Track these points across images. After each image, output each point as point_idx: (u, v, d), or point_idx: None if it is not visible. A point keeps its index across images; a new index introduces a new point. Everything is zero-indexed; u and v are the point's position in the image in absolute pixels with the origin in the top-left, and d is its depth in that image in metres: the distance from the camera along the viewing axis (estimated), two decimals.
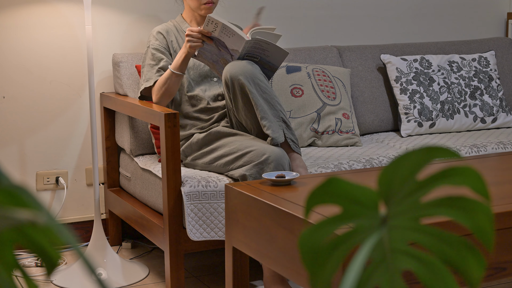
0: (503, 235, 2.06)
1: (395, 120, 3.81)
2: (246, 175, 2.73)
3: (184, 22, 3.18)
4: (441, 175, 0.67)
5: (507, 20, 4.53)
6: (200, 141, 2.98)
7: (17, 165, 3.39)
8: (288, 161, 2.74)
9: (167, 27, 3.15)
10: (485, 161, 2.85)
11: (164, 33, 3.11)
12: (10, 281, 0.63)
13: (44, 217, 0.58)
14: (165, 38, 3.10)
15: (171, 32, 3.14)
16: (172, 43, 3.11)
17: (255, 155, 2.74)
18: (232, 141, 2.88)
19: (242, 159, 2.78)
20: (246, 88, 2.77)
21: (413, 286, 1.90)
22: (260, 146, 2.76)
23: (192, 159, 3.00)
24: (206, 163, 2.94)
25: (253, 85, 2.78)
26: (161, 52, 3.08)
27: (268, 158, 2.70)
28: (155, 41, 3.09)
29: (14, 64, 3.34)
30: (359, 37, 4.09)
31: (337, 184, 0.67)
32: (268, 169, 2.69)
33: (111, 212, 3.47)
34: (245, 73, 2.77)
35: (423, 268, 0.68)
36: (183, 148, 3.05)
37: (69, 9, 3.39)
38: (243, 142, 2.83)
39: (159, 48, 3.08)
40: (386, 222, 0.68)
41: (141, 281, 3.07)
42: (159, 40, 3.10)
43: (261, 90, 2.79)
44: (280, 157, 2.71)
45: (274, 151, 2.72)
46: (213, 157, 2.91)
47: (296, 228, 2.09)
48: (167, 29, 3.14)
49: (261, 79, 2.80)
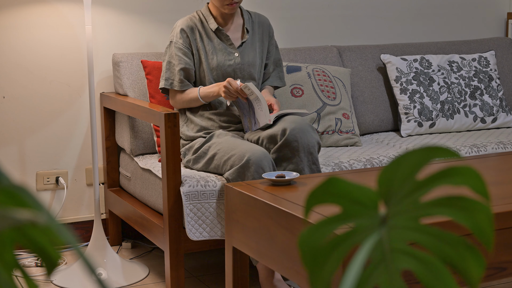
0: (503, 235, 2.06)
1: (395, 120, 3.81)
2: (229, 179, 2.73)
3: (210, 16, 3.06)
4: (441, 175, 0.67)
5: (507, 20, 4.53)
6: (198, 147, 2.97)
7: (17, 165, 3.39)
8: (269, 162, 2.71)
9: (191, 23, 3.05)
10: (485, 161, 2.85)
11: (188, 31, 3.02)
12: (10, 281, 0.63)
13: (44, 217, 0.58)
14: (189, 37, 3.02)
15: (195, 29, 3.04)
16: (195, 41, 3.03)
17: (237, 158, 2.73)
18: (219, 145, 2.87)
19: (228, 162, 2.78)
20: (298, 154, 2.76)
21: (412, 286, 1.90)
22: (242, 148, 2.75)
23: (186, 162, 3.00)
24: (200, 169, 2.94)
25: (306, 156, 2.77)
26: (183, 52, 3.01)
27: (249, 161, 2.68)
28: (179, 39, 3.02)
29: (14, 64, 3.34)
30: (359, 37, 4.09)
31: (337, 184, 0.67)
32: (249, 173, 2.67)
33: (111, 212, 3.47)
34: (307, 141, 2.77)
35: (422, 268, 0.68)
36: (183, 150, 3.04)
37: (69, 9, 3.39)
38: (229, 144, 2.83)
39: (182, 48, 3.01)
40: (386, 221, 0.68)
41: (141, 281, 3.07)
42: (182, 38, 3.02)
43: (311, 162, 2.80)
44: (261, 158, 2.68)
45: (255, 152, 2.70)
46: (204, 162, 2.92)
47: (296, 228, 2.09)
48: (192, 25, 3.04)
49: (315, 151, 2.80)
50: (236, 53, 3.06)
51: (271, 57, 3.19)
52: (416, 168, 0.67)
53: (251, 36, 3.12)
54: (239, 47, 3.08)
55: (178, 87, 3.00)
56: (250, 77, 3.08)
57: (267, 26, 3.18)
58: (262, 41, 3.16)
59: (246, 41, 3.10)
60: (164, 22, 3.60)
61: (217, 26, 3.04)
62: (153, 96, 3.25)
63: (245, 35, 3.10)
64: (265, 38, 3.17)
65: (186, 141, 3.05)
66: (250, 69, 3.08)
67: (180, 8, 3.63)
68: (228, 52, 3.05)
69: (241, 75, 3.06)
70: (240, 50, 3.08)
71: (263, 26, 3.17)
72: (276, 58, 3.22)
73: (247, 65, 3.07)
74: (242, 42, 3.09)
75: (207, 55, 3.03)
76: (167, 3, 3.60)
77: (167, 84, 3.02)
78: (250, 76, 3.08)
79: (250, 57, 3.09)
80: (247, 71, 3.07)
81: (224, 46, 3.05)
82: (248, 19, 3.14)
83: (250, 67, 3.08)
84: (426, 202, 0.68)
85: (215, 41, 3.05)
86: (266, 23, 3.19)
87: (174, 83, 3.01)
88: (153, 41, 3.58)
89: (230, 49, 3.06)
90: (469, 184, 0.67)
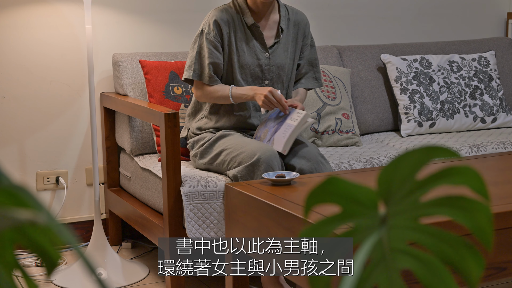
0: (502, 235, 2.06)
1: (395, 120, 3.81)
2: (238, 176, 2.72)
3: (246, 9, 2.91)
4: (441, 174, 0.67)
5: (507, 20, 4.53)
6: (205, 143, 2.96)
7: (17, 165, 3.39)
8: (279, 162, 2.70)
9: (227, 15, 2.90)
10: (485, 161, 2.85)
11: (222, 24, 2.87)
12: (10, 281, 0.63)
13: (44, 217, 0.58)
14: (222, 30, 2.88)
15: (230, 23, 2.90)
16: (228, 35, 2.89)
17: (247, 156, 2.71)
18: (228, 141, 2.86)
19: (237, 159, 2.77)
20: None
21: (412, 286, 1.90)
22: (253, 146, 2.74)
23: (193, 156, 2.99)
24: (205, 164, 2.93)
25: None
26: (214, 46, 2.87)
27: (259, 160, 2.67)
28: (211, 31, 2.87)
29: (14, 64, 3.34)
30: (359, 37, 4.09)
31: (337, 183, 0.68)
32: (259, 171, 2.67)
33: (111, 212, 3.47)
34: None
35: (422, 267, 0.68)
36: (191, 141, 3.02)
37: (69, 9, 3.39)
38: (238, 142, 2.82)
39: (213, 40, 2.87)
40: (386, 221, 0.69)
41: (141, 281, 3.07)
42: (215, 30, 2.87)
43: None
44: (271, 158, 2.67)
45: (266, 151, 2.69)
46: (210, 157, 2.90)
47: (296, 228, 2.09)
48: (227, 18, 2.89)
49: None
50: (266, 54, 2.94)
51: (304, 57, 3.05)
52: (416, 168, 0.67)
53: (285, 36, 2.98)
54: (271, 47, 2.96)
55: (207, 81, 2.86)
56: (279, 79, 2.97)
57: (303, 25, 3.03)
58: (296, 41, 3.02)
59: (279, 41, 2.97)
60: (164, 22, 3.60)
61: (253, 22, 2.92)
62: (152, 95, 3.25)
63: (279, 34, 2.97)
64: (300, 38, 3.03)
65: (195, 134, 3.03)
66: (279, 71, 2.97)
67: (180, 8, 3.63)
68: (259, 51, 2.93)
69: (269, 76, 2.95)
70: (272, 51, 2.95)
71: (299, 25, 3.02)
72: (311, 58, 3.07)
73: (276, 67, 2.96)
74: (274, 42, 2.97)
75: (238, 51, 2.91)
76: (167, 3, 3.60)
77: (195, 76, 2.88)
78: (278, 78, 2.97)
79: (280, 59, 2.96)
80: (276, 72, 2.96)
81: (255, 44, 2.93)
82: (285, 15, 2.99)
83: (279, 69, 2.96)
84: (426, 202, 0.68)
85: (248, 37, 2.92)
86: (303, 22, 3.04)
87: (204, 76, 2.87)
88: (153, 41, 3.58)
89: (262, 48, 2.94)
90: (469, 184, 0.67)
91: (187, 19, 3.65)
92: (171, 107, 3.19)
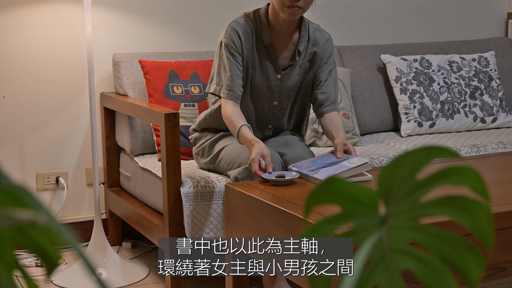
0: (502, 235, 2.06)
1: (395, 120, 3.81)
2: (238, 177, 2.70)
3: (266, 25, 2.76)
4: (441, 175, 0.67)
5: (507, 20, 4.53)
6: (206, 141, 2.95)
7: (17, 165, 3.39)
8: (279, 163, 2.66)
9: (247, 26, 2.76)
10: (485, 161, 2.85)
11: (241, 34, 2.74)
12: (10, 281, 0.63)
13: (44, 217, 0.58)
14: (240, 39, 2.75)
15: (248, 34, 2.76)
16: (244, 46, 2.76)
17: (247, 157, 2.67)
18: (229, 142, 2.86)
19: (237, 160, 2.76)
20: None
21: (412, 286, 1.90)
22: None
23: (195, 154, 2.99)
24: (206, 163, 2.93)
25: None
26: (234, 57, 2.73)
27: (260, 161, 2.65)
28: (231, 42, 2.74)
29: (14, 64, 3.34)
30: (359, 37, 4.09)
31: (337, 184, 0.67)
32: None
33: (111, 212, 3.47)
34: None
35: (422, 267, 0.68)
36: (193, 137, 3.01)
37: (69, 9, 3.39)
38: (238, 143, 2.81)
39: (233, 52, 2.74)
40: (386, 221, 0.68)
41: (141, 281, 3.07)
42: (234, 40, 2.74)
43: None
44: (272, 159, 2.64)
45: None
46: (211, 156, 2.90)
47: (296, 228, 2.09)
48: (245, 28, 2.75)
49: None
50: (278, 75, 2.81)
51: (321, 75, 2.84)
52: (416, 168, 0.67)
53: (301, 58, 2.83)
54: (284, 68, 2.82)
55: (225, 95, 2.72)
56: (288, 98, 2.87)
57: (321, 45, 2.85)
58: (313, 60, 2.86)
59: (294, 64, 2.82)
60: (164, 22, 3.60)
61: (270, 42, 2.76)
62: (151, 95, 3.25)
63: (295, 56, 2.81)
64: (317, 60, 2.85)
65: (197, 130, 3.00)
66: (289, 93, 2.86)
67: (180, 8, 3.63)
68: (271, 72, 2.80)
69: (279, 98, 2.85)
70: (284, 73, 2.82)
71: (317, 47, 2.85)
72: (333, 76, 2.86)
73: (287, 89, 2.84)
74: (289, 64, 2.81)
75: (250, 67, 2.79)
76: (167, 3, 3.60)
77: (216, 90, 2.76)
78: (288, 97, 2.86)
79: (293, 81, 2.84)
80: (286, 94, 2.85)
81: (268, 65, 2.79)
82: (305, 36, 2.81)
83: (290, 91, 2.85)
84: (426, 202, 0.68)
85: (262, 56, 2.79)
86: (321, 41, 2.86)
87: (222, 89, 2.74)
88: (153, 41, 3.58)
89: (274, 70, 2.81)
90: (469, 184, 0.67)
91: (187, 19, 3.65)
92: (171, 107, 3.19)
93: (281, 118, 2.92)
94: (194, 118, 3.17)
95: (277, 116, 2.90)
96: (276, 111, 2.89)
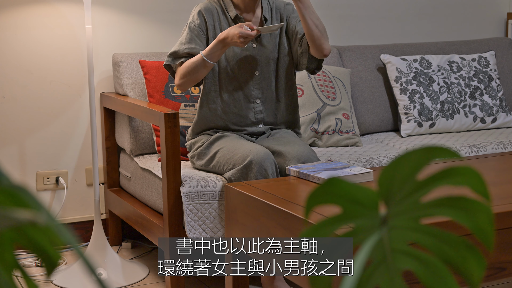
0: (503, 235, 2.06)
1: (395, 120, 3.81)
2: (232, 179, 2.72)
3: (230, 3, 2.94)
4: (441, 175, 0.67)
5: (507, 20, 4.53)
6: (202, 144, 2.96)
7: (17, 165, 3.38)
8: (272, 162, 2.68)
9: (210, 6, 2.94)
10: (485, 161, 2.85)
11: (206, 14, 2.91)
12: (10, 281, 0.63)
13: (44, 217, 0.58)
14: (206, 20, 2.90)
15: (214, 13, 2.93)
16: (213, 27, 2.91)
17: (240, 158, 2.71)
18: (223, 143, 2.86)
19: (231, 162, 2.77)
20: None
21: (413, 286, 1.90)
22: (245, 149, 2.74)
23: (191, 157, 2.99)
24: (202, 166, 2.94)
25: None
26: (196, 34, 2.89)
27: (251, 162, 2.66)
28: (195, 20, 2.90)
29: (14, 64, 3.34)
30: (359, 37, 4.09)
31: (337, 184, 0.67)
32: (251, 173, 2.65)
33: (111, 212, 3.47)
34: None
35: (423, 268, 0.68)
36: (189, 144, 3.01)
37: (69, 9, 3.39)
38: (233, 144, 2.82)
39: (195, 28, 2.89)
40: (386, 222, 0.68)
41: (141, 281, 3.07)
42: (199, 20, 2.90)
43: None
44: (263, 159, 2.65)
45: (258, 153, 2.68)
46: (207, 159, 2.90)
47: (296, 228, 2.09)
48: (211, 9, 2.93)
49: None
50: (254, 44, 2.94)
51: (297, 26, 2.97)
52: (416, 168, 0.67)
53: (269, 24, 2.97)
54: (257, 37, 2.95)
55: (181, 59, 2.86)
56: (268, 66, 2.97)
57: (282, 8, 3.02)
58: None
59: None
60: (164, 22, 3.60)
61: (236, 13, 2.92)
62: (151, 95, 3.25)
63: (263, 24, 2.97)
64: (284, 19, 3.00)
65: (191, 137, 3.03)
66: (268, 61, 2.97)
67: (180, 8, 3.63)
68: None
69: (260, 67, 2.95)
70: (259, 40, 2.95)
71: (281, 10, 3.01)
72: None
73: (264, 56, 2.95)
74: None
75: None
76: (167, 3, 3.60)
77: (169, 61, 2.89)
78: (267, 65, 2.97)
79: (269, 46, 2.96)
80: (265, 62, 2.96)
81: None
82: (267, 7, 3.00)
83: (268, 59, 2.97)
84: (427, 202, 0.68)
85: None
86: (281, 5, 3.03)
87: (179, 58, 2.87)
88: (153, 41, 3.58)
89: None
90: (469, 184, 0.67)
91: (187, 19, 3.64)
92: (171, 107, 3.19)
93: (266, 89, 2.96)
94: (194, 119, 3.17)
95: (262, 87, 2.96)
96: (259, 81, 2.96)
